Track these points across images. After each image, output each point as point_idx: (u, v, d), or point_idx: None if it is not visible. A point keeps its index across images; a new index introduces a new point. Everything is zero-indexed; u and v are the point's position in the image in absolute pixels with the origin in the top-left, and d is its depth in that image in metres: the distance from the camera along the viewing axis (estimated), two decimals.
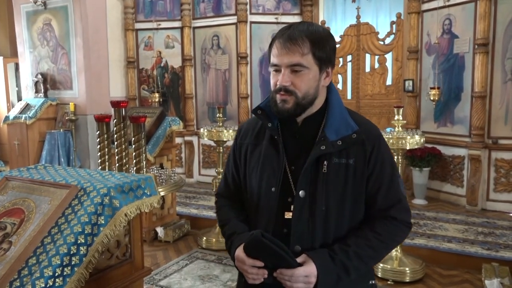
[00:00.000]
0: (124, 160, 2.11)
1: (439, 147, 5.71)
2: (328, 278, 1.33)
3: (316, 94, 1.41)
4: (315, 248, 1.38)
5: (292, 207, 1.40)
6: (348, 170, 1.39)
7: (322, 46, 1.36)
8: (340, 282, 1.36)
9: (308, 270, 1.31)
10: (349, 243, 1.37)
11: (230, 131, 4.50)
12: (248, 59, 6.70)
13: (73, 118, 6.57)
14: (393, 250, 3.87)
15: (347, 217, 1.41)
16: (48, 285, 1.23)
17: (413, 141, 3.65)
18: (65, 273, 1.28)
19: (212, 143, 6.59)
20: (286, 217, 1.41)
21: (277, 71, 1.38)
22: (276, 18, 6.60)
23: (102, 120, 2.03)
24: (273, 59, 1.38)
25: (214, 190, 4.72)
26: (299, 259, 1.33)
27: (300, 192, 1.39)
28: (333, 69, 1.44)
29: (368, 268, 1.45)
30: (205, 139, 4.71)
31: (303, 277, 1.30)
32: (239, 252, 1.38)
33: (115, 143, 2.10)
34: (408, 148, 3.68)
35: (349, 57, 6.51)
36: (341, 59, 6.56)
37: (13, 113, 6.85)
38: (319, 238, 1.39)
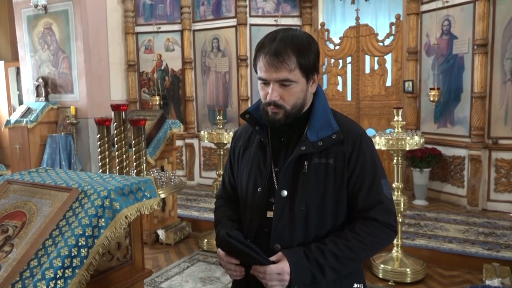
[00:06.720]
0: (125, 163, 2.12)
1: (439, 148, 5.72)
2: (302, 276, 1.33)
3: (304, 102, 1.44)
4: (294, 247, 1.39)
5: (273, 206, 1.43)
6: (328, 170, 1.40)
7: (307, 56, 1.36)
8: (318, 282, 1.36)
9: (280, 267, 1.31)
10: (326, 242, 1.36)
11: (231, 133, 4.51)
12: (248, 61, 6.70)
13: (74, 121, 6.59)
14: (394, 251, 3.88)
15: (329, 217, 1.41)
16: (49, 287, 1.24)
17: (413, 141, 3.66)
18: (66, 275, 1.29)
19: (213, 146, 6.62)
20: (268, 216, 1.44)
21: (266, 84, 1.39)
22: (276, 21, 6.62)
23: (102, 123, 2.05)
24: (261, 74, 1.38)
25: (215, 193, 4.73)
26: (274, 257, 1.34)
27: (281, 192, 1.42)
28: (318, 74, 1.45)
29: (348, 270, 1.41)
30: (206, 141, 4.72)
31: (276, 275, 1.31)
32: (219, 249, 1.44)
33: (116, 146, 2.11)
34: (408, 149, 3.69)
35: (348, 59, 6.51)
36: (340, 61, 6.57)
37: (15, 117, 6.87)
38: (299, 237, 1.40)
